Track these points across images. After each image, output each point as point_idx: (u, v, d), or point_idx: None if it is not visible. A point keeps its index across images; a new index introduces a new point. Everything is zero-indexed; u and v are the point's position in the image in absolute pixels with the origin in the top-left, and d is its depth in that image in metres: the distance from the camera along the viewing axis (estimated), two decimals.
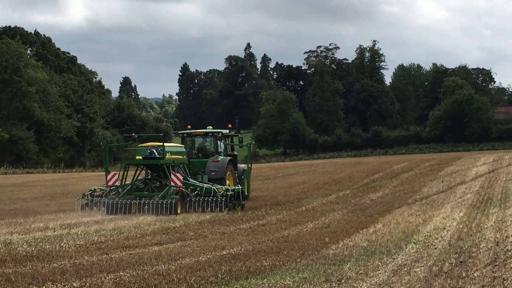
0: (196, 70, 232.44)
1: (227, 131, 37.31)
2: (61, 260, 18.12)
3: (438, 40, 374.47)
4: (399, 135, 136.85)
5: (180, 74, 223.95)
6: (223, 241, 21.43)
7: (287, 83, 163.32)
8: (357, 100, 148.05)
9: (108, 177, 32.14)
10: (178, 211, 29.41)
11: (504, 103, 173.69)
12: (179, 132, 37.18)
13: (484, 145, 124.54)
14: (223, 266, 16.92)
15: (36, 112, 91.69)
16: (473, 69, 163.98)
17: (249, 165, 36.54)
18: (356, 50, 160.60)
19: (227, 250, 19.54)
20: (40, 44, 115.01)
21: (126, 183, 31.89)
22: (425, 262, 16.70)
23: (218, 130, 36.34)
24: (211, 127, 37.65)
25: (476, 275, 15.02)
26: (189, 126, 39.07)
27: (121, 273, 16.22)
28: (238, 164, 37.36)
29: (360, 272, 15.83)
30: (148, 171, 32.22)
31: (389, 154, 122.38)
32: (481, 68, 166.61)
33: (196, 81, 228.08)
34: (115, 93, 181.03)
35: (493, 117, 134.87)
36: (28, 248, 20.17)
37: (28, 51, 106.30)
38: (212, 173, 33.80)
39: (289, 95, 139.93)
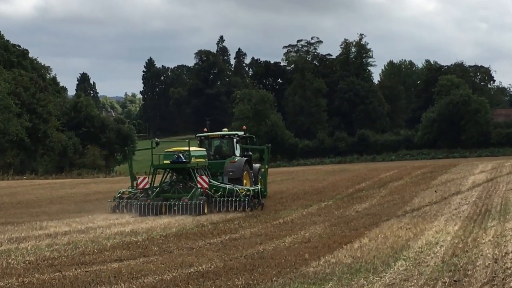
0: (162, 66, 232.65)
1: (242, 133, 42.96)
2: (8, 278, 18.00)
3: (429, 34, 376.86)
4: (388, 139, 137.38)
5: (145, 70, 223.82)
6: (190, 257, 21.39)
7: (264, 81, 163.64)
8: (342, 101, 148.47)
9: (139, 180, 37.38)
10: (205, 211, 33.88)
11: (504, 104, 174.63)
12: (197, 135, 41.94)
13: (482, 151, 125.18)
14: (190, 285, 16.88)
15: None
16: (470, 66, 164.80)
17: (266, 167, 42.05)
18: (341, 45, 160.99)
19: (195, 267, 19.50)
20: None
21: (154, 185, 36.65)
22: (415, 281, 16.74)
23: (234, 132, 42.24)
24: (226, 129, 44.21)
25: None
26: (205, 129, 43.91)
27: None
28: (253, 164, 42.02)
29: None
30: (174, 174, 36.83)
31: (377, 160, 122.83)
32: (479, 65, 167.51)
33: (163, 78, 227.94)
34: (71, 91, 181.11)
35: (492, 120, 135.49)
36: None
37: None
38: (230, 173, 38.58)
39: (266, 94, 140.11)
